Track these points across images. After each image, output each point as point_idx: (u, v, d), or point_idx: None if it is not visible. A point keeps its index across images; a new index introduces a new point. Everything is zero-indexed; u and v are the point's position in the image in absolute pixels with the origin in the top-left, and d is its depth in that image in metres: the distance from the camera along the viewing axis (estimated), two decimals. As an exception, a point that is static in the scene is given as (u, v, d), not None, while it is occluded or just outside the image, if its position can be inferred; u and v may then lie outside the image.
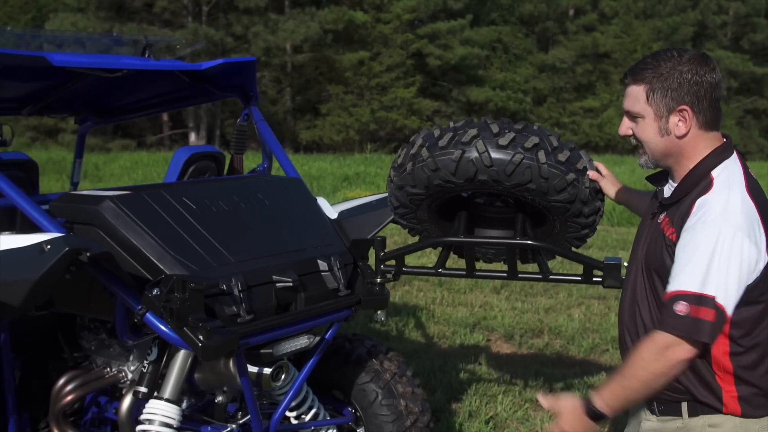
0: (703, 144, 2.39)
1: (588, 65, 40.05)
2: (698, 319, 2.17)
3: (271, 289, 3.08)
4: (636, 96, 2.40)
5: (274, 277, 3.10)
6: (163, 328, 2.76)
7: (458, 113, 36.06)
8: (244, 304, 2.92)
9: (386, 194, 3.76)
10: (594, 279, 3.58)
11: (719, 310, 2.18)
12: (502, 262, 3.91)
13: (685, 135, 2.37)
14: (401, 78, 35.55)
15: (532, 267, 3.92)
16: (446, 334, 7.11)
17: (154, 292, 2.74)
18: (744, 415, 2.37)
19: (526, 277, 3.73)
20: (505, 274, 3.70)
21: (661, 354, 2.21)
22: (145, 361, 3.22)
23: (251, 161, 4.75)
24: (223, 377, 3.18)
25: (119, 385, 3.46)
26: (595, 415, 2.34)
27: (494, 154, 3.18)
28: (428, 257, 9.82)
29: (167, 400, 3.09)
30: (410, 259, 3.98)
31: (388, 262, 3.68)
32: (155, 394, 3.15)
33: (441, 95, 38.02)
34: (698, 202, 2.30)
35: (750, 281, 2.25)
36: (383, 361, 3.82)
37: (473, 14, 37.86)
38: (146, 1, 33.22)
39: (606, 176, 3.29)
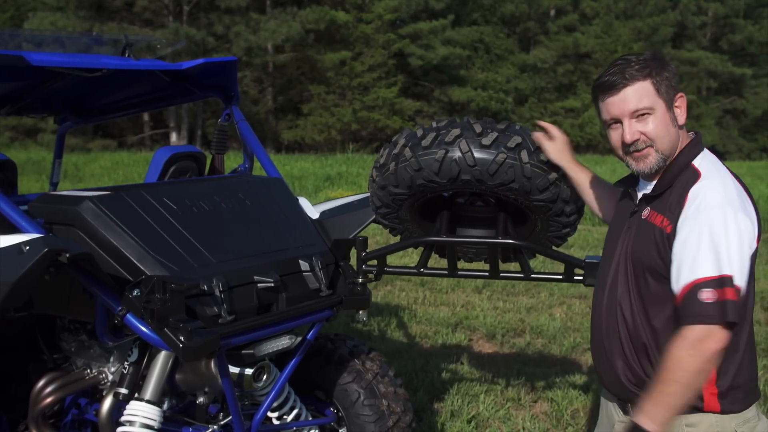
0: (682, 135, 2.45)
1: (569, 65, 40.24)
2: (726, 302, 2.16)
3: (253, 289, 3.07)
4: (643, 92, 2.37)
5: (255, 277, 3.09)
6: (143, 329, 2.74)
7: (440, 113, 36.14)
8: (225, 305, 2.91)
9: (368, 194, 3.75)
10: (575, 278, 3.59)
11: (738, 290, 2.18)
12: (483, 262, 3.92)
13: (684, 123, 2.42)
14: (383, 78, 35.58)
15: (514, 266, 3.93)
16: (428, 333, 7.12)
17: (135, 292, 2.72)
18: (722, 412, 2.38)
19: (507, 276, 3.73)
20: (486, 274, 3.70)
21: (696, 348, 2.18)
22: (126, 363, 3.20)
23: (232, 161, 4.73)
24: (204, 378, 3.16)
25: (100, 387, 3.44)
26: None
27: (477, 154, 3.18)
28: (410, 257, 9.83)
29: (148, 402, 3.07)
30: (392, 259, 3.98)
31: (369, 262, 3.67)
32: (136, 395, 3.12)
33: (423, 95, 38.08)
34: (691, 192, 2.31)
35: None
36: (365, 361, 3.82)
37: (455, 14, 37.94)
38: (126, 0, 33.03)
39: (556, 138, 3.09)
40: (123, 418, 3.06)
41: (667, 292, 2.33)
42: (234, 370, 3.18)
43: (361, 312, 3.67)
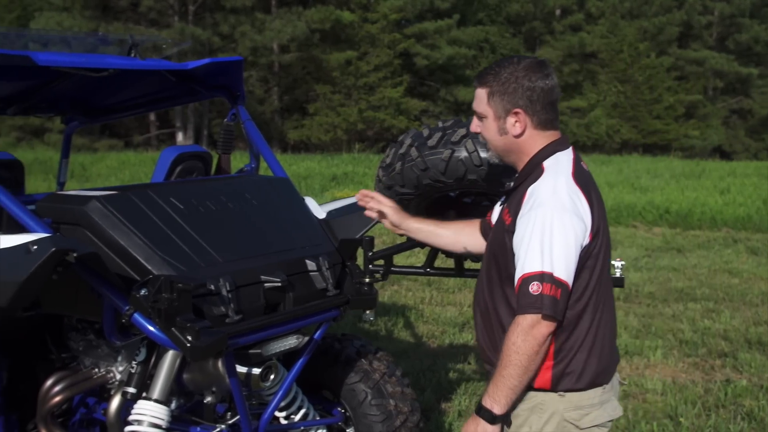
0: (539, 141, 2.60)
1: (575, 65, 40.20)
2: (546, 295, 2.36)
3: (260, 289, 3.07)
4: (480, 98, 2.62)
5: (262, 277, 3.09)
6: (151, 328, 2.75)
7: (446, 113, 36.14)
8: (232, 305, 2.91)
9: (374, 194, 3.74)
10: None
11: (560, 283, 2.37)
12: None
13: (521, 134, 2.58)
14: (389, 78, 35.57)
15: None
16: (435, 333, 7.11)
17: (142, 292, 2.72)
18: (553, 391, 2.52)
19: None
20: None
21: (528, 334, 2.38)
22: (134, 362, 3.21)
23: (239, 161, 4.73)
24: (211, 378, 3.17)
25: (107, 386, 3.44)
26: (490, 416, 2.45)
27: (483, 154, 3.19)
28: (417, 257, 9.83)
29: (156, 401, 3.07)
30: (399, 259, 3.98)
31: (376, 262, 3.67)
32: (144, 394, 3.13)
33: (428, 95, 38.08)
34: (529, 190, 2.52)
35: (581, 252, 2.44)
36: (372, 360, 3.81)
37: (460, 14, 37.92)
38: (132, 0, 33.08)
39: (385, 204, 3.14)
40: (131, 418, 3.07)
41: (506, 279, 2.54)
42: (241, 369, 3.18)
43: (368, 312, 3.66)
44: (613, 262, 3.53)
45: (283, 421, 3.58)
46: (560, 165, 2.55)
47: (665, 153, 35.89)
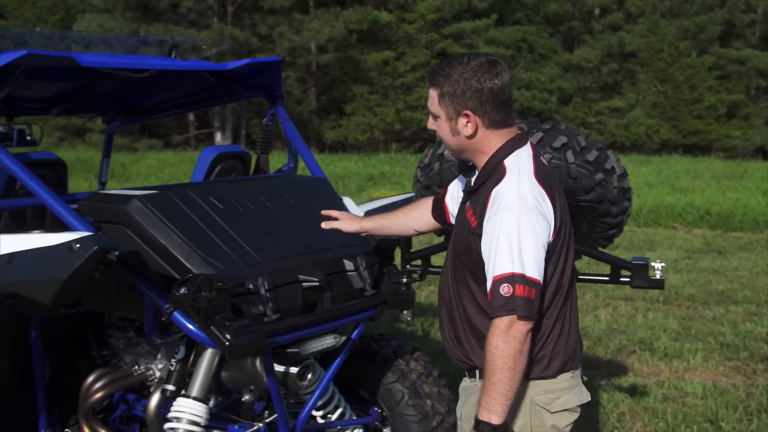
0: (495, 140, 2.59)
1: (614, 65, 39.82)
2: (519, 297, 2.37)
3: (298, 288, 3.09)
4: (432, 98, 2.66)
5: (300, 276, 3.10)
6: (190, 326, 2.77)
7: (483, 113, 35.95)
8: (270, 304, 2.93)
9: (412, 194, 3.75)
10: (621, 279, 3.55)
11: (532, 282, 2.39)
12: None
13: (473, 135, 2.58)
14: (426, 78, 35.46)
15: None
16: (471, 334, 7.07)
17: (182, 291, 2.75)
18: (526, 378, 2.54)
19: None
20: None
21: (508, 335, 2.38)
22: (173, 360, 3.24)
23: (277, 161, 4.75)
24: (249, 376, 3.19)
25: (147, 383, 3.48)
26: (489, 429, 2.43)
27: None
28: (453, 257, 9.78)
29: (195, 399, 3.10)
30: (436, 259, 3.97)
31: (414, 262, 3.68)
32: (183, 392, 3.16)
33: (466, 95, 37.91)
34: (494, 192, 2.51)
35: (547, 248, 2.48)
36: (409, 361, 3.81)
37: (498, 14, 37.76)
38: (172, 1, 33.41)
39: (341, 215, 3.25)
40: (170, 415, 3.10)
41: (471, 278, 2.59)
42: (279, 368, 3.20)
43: (405, 312, 3.67)
44: (653, 264, 3.50)
45: (320, 420, 3.59)
46: (521, 163, 2.56)
47: (706, 153, 35.41)
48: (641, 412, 5.31)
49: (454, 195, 3.02)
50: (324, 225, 3.20)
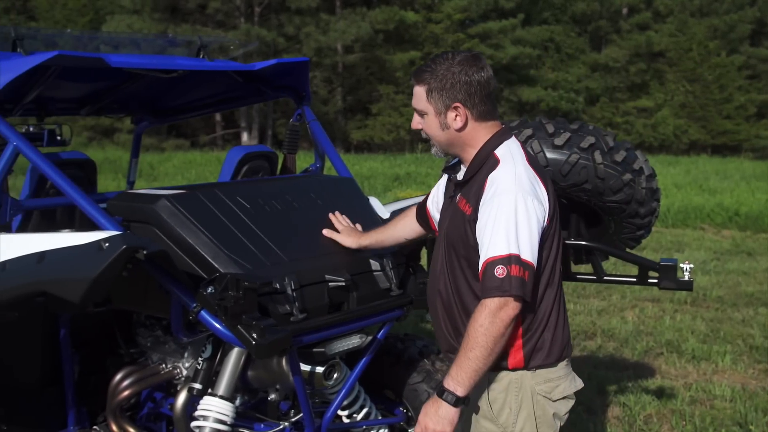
0: (482, 132, 2.66)
1: (642, 64, 39.53)
2: (514, 277, 2.42)
3: (324, 288, 3.09)
4: (419, 96, 2.72)
5: (326, 276, 3.11)
6: (217, 325, 2.79)
7: (510, 113, 35.86)
8: (297, 303, 2.94)
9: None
10: (649, 280, 3.53)
11: (527, 265, 2.45)
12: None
13: (462, 128, 2.65)
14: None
15: (584, 268, 3.87)
16: (497, 335, 7.05)
17: (209, 290, 2.76)
18: (526, 368, 2.63)
19: (580, 279, 3.69)
20: (558, 275, 3.66)
21: (495, 316, 2.43)
22: (200, 358, 3.25)
23: (303, 161, 4.77)
24: (275, 375, 3.20)
25: (174, 382, 3.50)
26: (453, 399, 2.47)
27: (550, 154, 3.16)
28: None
29: (221, 397, 3.12)
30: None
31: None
32: (209, 390, 3.17)
33: (492, 95, 37.79)
34: (489, 178, 2.58)
35: (541, 233, 2.54)
36: (435, 361, 3.80)
37: (525, 14, 37.60)
38: (200, 2, 33.63)
39: (340, 225, 3.34)
40: (197, 413, 3.12)
41: (468, 268, 2.62)
42: (305, 367, 3.21)
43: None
44: (681, 265, 3.47)
45: (346, 420, 3.60)
46: (513, 153, 2.63)
47: (735, 154, 35.05)
48: (668, 415, 5.26)
49: (435, 199, 3.08)
50: (325, 233, 3.28)
